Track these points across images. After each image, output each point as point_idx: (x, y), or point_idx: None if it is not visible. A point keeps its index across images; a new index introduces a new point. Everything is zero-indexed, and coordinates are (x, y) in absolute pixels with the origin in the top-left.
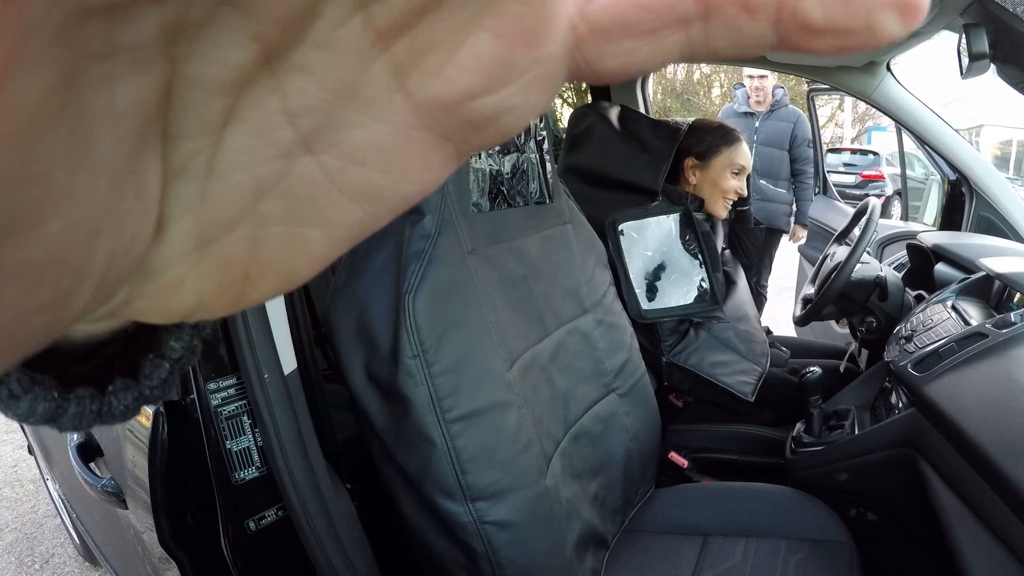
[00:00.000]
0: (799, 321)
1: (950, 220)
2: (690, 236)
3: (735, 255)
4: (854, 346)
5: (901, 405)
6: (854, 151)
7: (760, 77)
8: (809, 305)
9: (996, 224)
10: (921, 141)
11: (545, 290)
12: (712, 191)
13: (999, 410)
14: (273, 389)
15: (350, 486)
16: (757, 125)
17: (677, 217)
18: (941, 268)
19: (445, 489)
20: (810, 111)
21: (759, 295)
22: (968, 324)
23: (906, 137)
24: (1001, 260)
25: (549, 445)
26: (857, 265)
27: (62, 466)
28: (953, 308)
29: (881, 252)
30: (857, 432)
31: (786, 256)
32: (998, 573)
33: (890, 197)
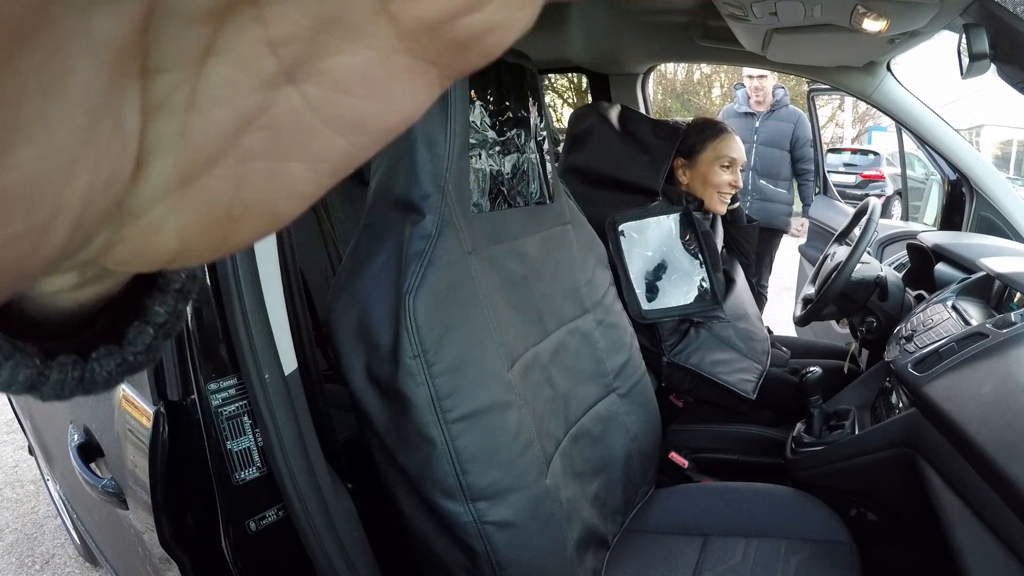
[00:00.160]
0: (799, 321)
1: (950, 220)
2: (690, 236)
3: (732, 255)
4: (854, 346)
5: (901, 405)
6: (854, 151)
7: (760, 77)
8: (809, 305)
9: (996, 224)
10: (921, 141)
11: (545, 290)
12: (704, 188)
13: (999, 410)
14: (274, 389)
15: (350, 486)
16: (757, 125)
17: (677, 217)
18: (941, 268)
19: (445, 489)
20: (810, 111)
21: (759, 295)
22: (968, 324)
23: (906, 137)
24: (1001, 260)
25: (549, 445)
26: (857, 265)
27: (62, 467)
28: (953, 308)
29: (881, 252)
30: (857, 432)
31: (786, 256)
32: (998, 573)
33: (890, 197)
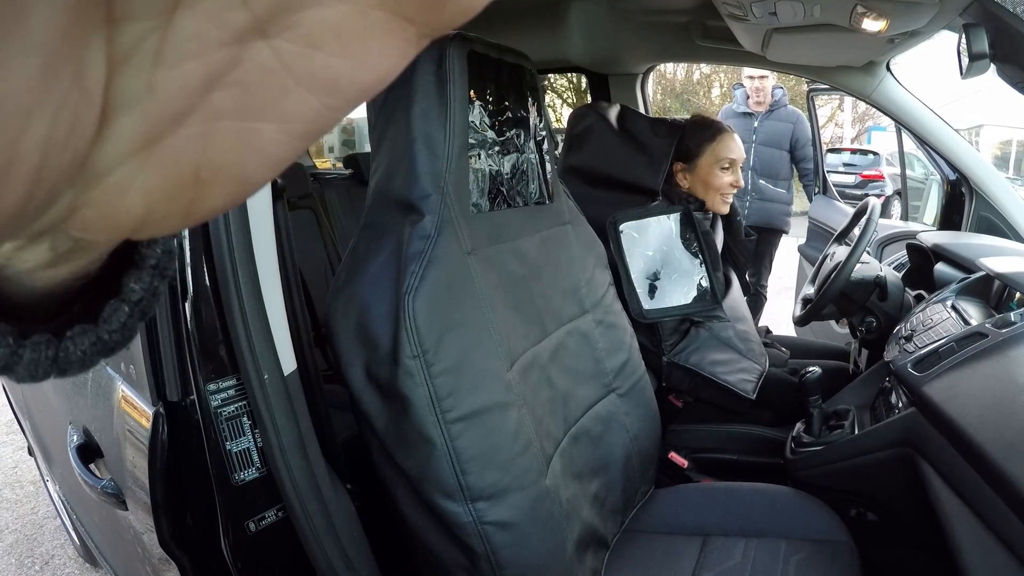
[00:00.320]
0: (799, 321)
1: (950, 220)
2: (690, 235)
3: (726, 264)
4: (854, 346)
5: (901, 405)
6: (854, 151)
7: (760, 77)
8: (809, 305)
9: (996, 224)
10: (921, 141)
11: (545, 290)
12: (706, 190)
13: (999, 410)
14: (273, 390)
15: (350, 486)
16: (756, 125)
17: (677, 217)
18: (941, 268)
19: (445, 489)
20: (810, 111)
21: (759, 295)
22: (968, 324)
23: (906, 137)
24: (1001, 260)
25: (549, 445)
26: (857, 265)
27: (62, 467)
28: (953, 308)
29: (881, 252)
30: (857, 432)
31: (786, 256)
32: (998, 573)
33: (890, 197)
